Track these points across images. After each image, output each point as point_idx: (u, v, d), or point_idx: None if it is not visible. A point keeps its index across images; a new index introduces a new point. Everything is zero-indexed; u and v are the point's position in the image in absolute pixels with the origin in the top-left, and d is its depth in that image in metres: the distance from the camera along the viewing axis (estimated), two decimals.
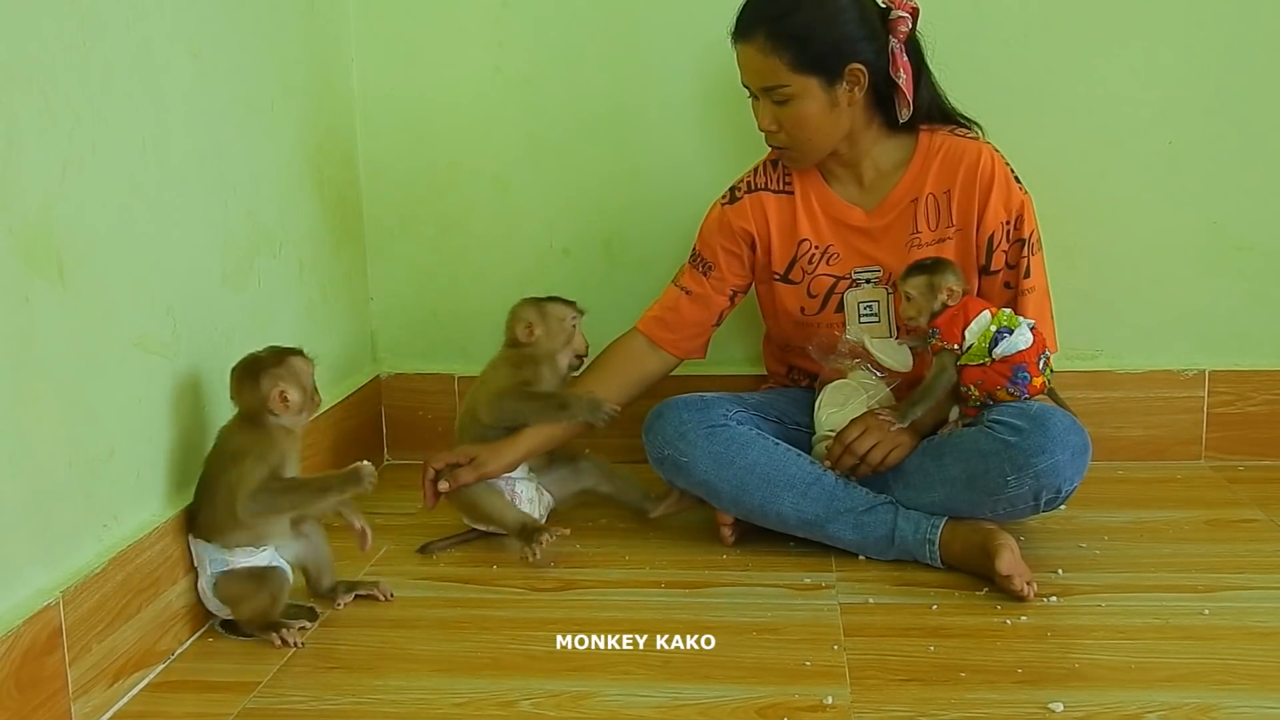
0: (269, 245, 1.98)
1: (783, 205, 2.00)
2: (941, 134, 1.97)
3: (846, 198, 1.99)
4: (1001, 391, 1.82)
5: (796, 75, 1.86)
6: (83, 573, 1.42)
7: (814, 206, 2.00)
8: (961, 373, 1.85)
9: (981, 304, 1.86)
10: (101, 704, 1.45)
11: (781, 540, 1.93)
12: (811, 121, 1.89)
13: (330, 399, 2.20)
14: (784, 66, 1.85)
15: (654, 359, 2.07)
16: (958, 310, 1.84)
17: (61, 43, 1.41)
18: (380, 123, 2.39)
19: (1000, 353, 1.82)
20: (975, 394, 1.84)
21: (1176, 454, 2.34)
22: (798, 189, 2.01)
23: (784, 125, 1.91)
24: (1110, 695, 1.44)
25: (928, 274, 1.86)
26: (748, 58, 1.89)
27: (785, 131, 1.91)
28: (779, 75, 1.86)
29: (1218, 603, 1.70)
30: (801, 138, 1.92)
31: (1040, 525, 1.98)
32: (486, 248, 2.41)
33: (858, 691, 1.47)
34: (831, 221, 1.99)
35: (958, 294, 1.86)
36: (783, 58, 1.85)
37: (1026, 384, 1.82)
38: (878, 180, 1.98)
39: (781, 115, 1.90)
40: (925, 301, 1.86)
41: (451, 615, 1.74)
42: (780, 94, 1.87)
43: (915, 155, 1.96)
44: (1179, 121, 2.26)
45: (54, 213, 1.39)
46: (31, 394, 1.36)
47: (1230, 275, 2.31)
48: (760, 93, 1.90)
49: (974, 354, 1.83)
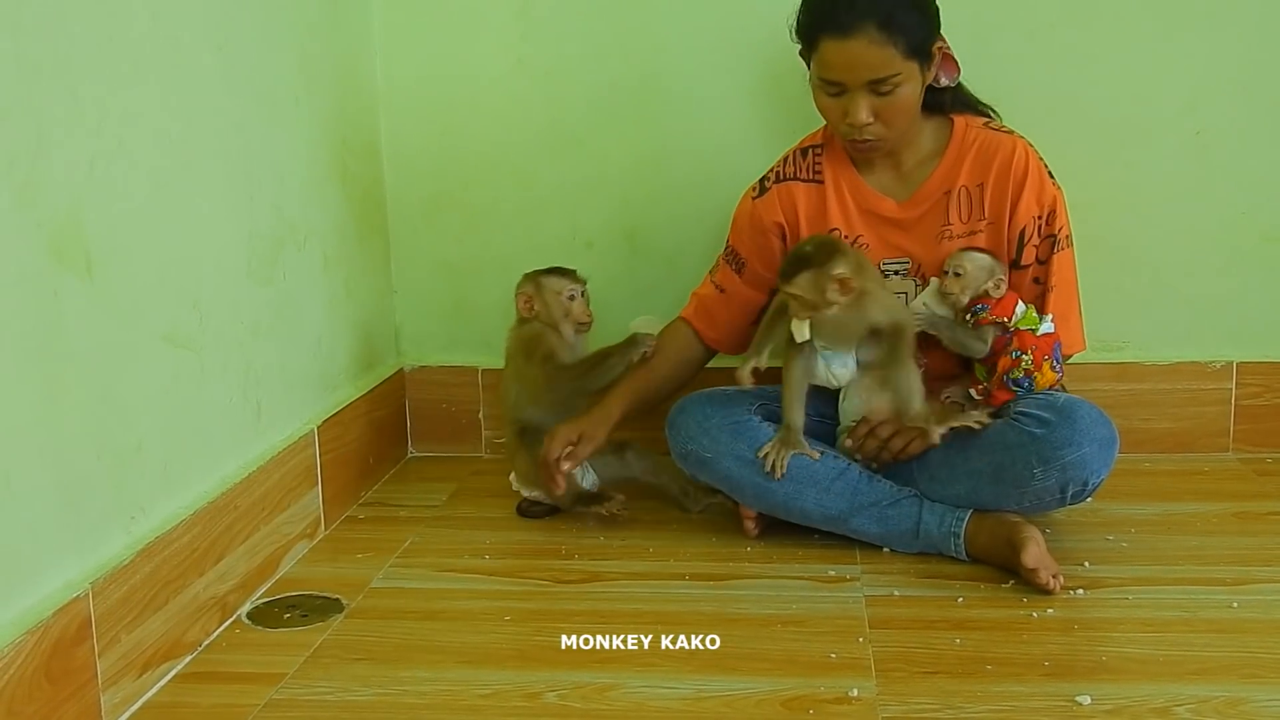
0: (294, 239, 1.98)
1: (812, 194, 1.99)
2: (976, 126, 1.95)
3: (879, 187, 1.97)
4: (1048, 365, 1.83)
5: (907, 62, 1.81)
6: (111, 564, 1.44)
7: (845, 196, 1.98)
8: (1017, 336, 1.85)
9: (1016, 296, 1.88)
10: (130, 695, 1.46)
11: (805, 533, 1.92)
12: (909, 107, 1.86)
13: (354, 392, 2.21)
14: (898, 56, 1.79)
15: (699, 347, 2.09)
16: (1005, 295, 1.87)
17: (88, 39, 1.42)
18: (404, 116, 2.39)
19: (1045, 329, 1.85)
20: (1027, 360, 1.83)
21: (1204, 446, 2.32)
22: (828, 178, 1.98)
23: (881, 115, 1.84)
24: (1138, 688, 1.44)
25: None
26: (856, 52, 1.80)
27: (881, 121, 1.85)
28: (893, 65, 1.80)
29: (1246, 595, 1.69)
30: (898, 126, 1.87)
31: (1066, 518, 1.97)
32: (510, 240, 2.41)
33: (883, 684, 1.47)
34: (862, 212, 1.97)
35: (1003, 285, 1.87)
36: (897, 46, 1.79)
37: (1061, 364, 1.85)
38: (914, 169, 1.96)
39: (881, 106, 1.83)
40: (975, 281, 1.86)
41: (477, 607, 1.74)
42: (889, 84, 1.81)
43: (950, 146, 1.94)
44: (1207, 112, 2.24)
45: (82, 208, 1.40)
46: (61, 387, 1.37)
47: (1259, 266, 2.29)
48: (864, 86, 1.82)
49: (1029, 320, 1.84)
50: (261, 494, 1.81)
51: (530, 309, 2.05)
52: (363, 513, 2.16)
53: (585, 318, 2.06)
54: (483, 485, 2.27)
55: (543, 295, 2.05)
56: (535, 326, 2.06)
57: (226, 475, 1.74)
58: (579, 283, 2.06)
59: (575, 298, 2.05)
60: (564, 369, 2.03)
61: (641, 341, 2.01)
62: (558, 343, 2.05)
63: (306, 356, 2.04)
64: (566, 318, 2.05)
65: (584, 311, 2.06)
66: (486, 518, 2.10)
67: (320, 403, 2.08)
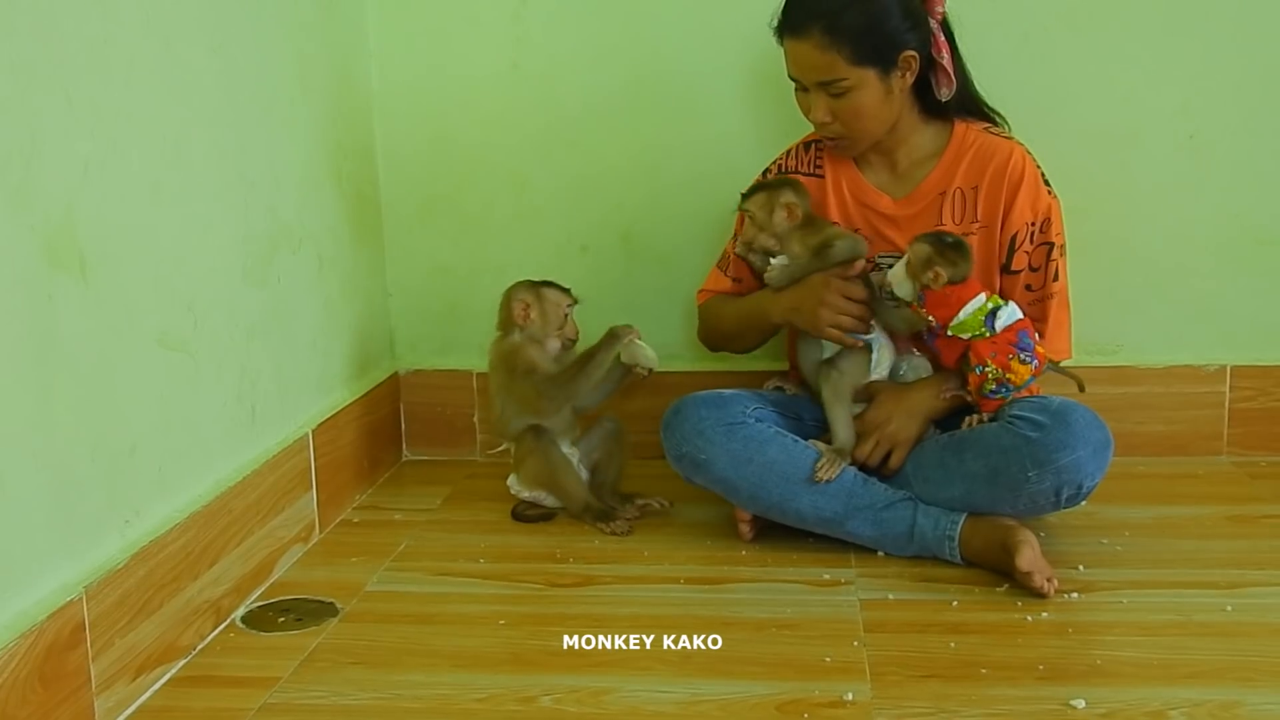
0: (289, 241, 1.98)
1: (812, 188, 2.01)
2: (976, 130, 1.97)
3: (876, 184, 2.00)
4: (1015, 361, 1.82)
5: (855, 68, 1.84)
6: (105, 568, 1.43)
7: (844, 191, 2.01)
8: (971, 351, 1.84)
9: (979, 286, 1.87)
10: (124, 699, 1.46)
11: (800, 536, 1.92)
12: (868, 111, 1.89)
13: (348, 395, 2.21)
14: (842, 61, 1.83)
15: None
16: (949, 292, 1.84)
17: (83, 41, 1.42)
18: (399, 119, 2.39)
19: (1002, 324, 1.83)
20: (992, 370, 1.83)
21: (1198, 449, 2.33)
22: (828, 173, 2.02)
23: (839, 117, 1.89)
24: (1132, 692, 1.44)
25: (936, 249, 1.84)
26: (802, 53, 1.86)
27: (840, 122, 1.90)
28: (837, 70, 1.84)
29: (1240, 599, 1.69)
30: (858, 128, 1.91)
31: (1061, 521, 1.97)
32: (505, 244, 2.41)
33: (878, 688, 1.47)
34: (860, 206, 2.00)
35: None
36: (841, 52, 1.83)
37: (1033, 350, 1.83)
38: (911, 169, 1.99)
39: (837, 107, 1.88)
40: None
41: (472, 611, 1.74)
42: (838, 87, 1.86)
43: (949, 148, 1.96)
44: (1200, 115, 2.25)
45: (76, 210, 1.40)
46: (55, 390, 1.36)
47: (1253, 269, 2.29)
48: (815, 87, 1.88)
49: (968, 326, 1.83)
50: (256, 497, 1.80)
51: (526, 317, 2.04)
52: (357, 516, 2.15)
53: (574, 335, 2.08)
54: (477, 489, 2.27)
55: (543, 305, 2.05)
56: (514, 340, 2.06)
57: (221, 478, 1.74)
58: (574, 301, 2.07)
59: (569, 314, 2.06)
60: (553, 378, 2.03)
61: (621, 333, 2.01)
62: (538, 354, 2.06)
63: (301, 359, 2.04)
64: (559, 331, 2.06)
65: (574, 329, 2.08)
66: (481, 521, 2.10)
67: (315, 406, 2.08)
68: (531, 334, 2.06)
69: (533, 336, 2.06)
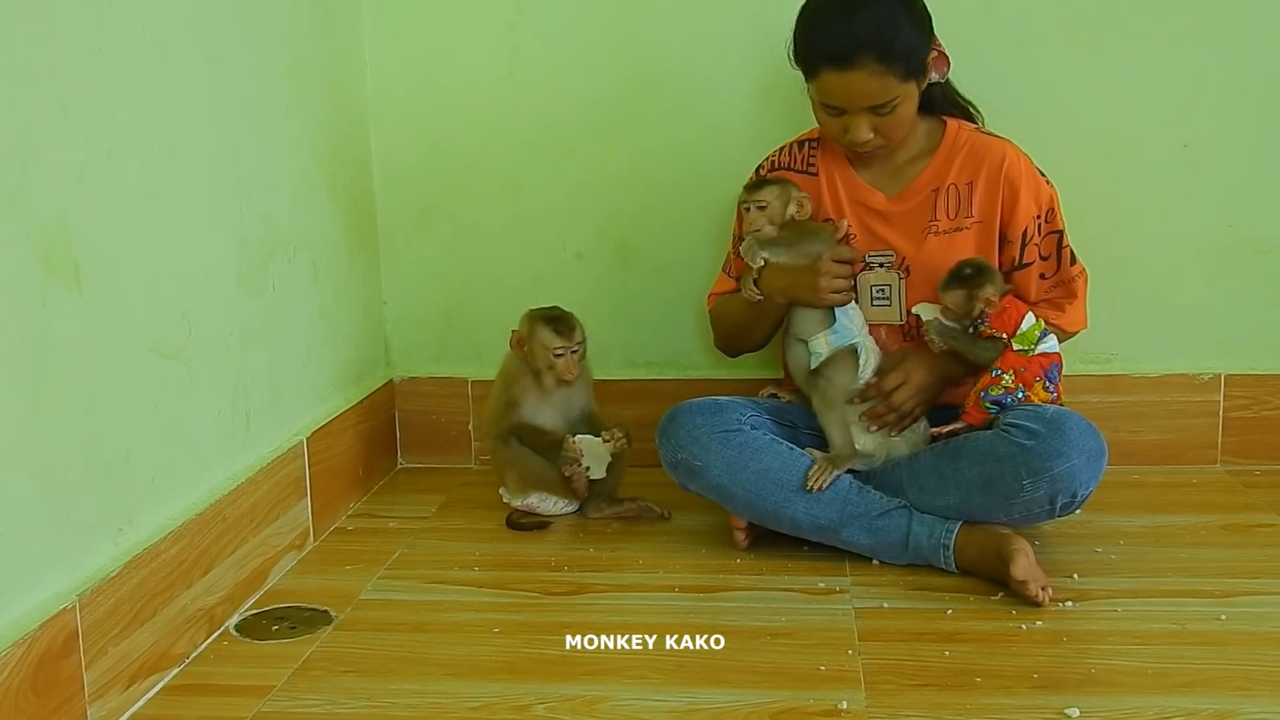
0: (283, 249, 1.98)
1: (806, 186, 2.01)
2: (967, 129, 1.99)
3: (870, 181, 2.00)
4: (1038, 384, 1.83)
5: (903, 84, 1.86)
6: (99, 576, 1.43)
7: (837, 188, 2.02)
8: (1003, 358, 1.85)
9: (1025, 306, 1.89)
10: (117, 707, 1.46)
11: (795, 544, 1.92)
12: (908, 119, 1.92)
13: (343, 403, 2.21)
14: (895, 81, 1.84)
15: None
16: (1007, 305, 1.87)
17: (78, 49, 1.42)
18: (394, 127, 2.39)
19: (1043, 348, 1.85)
20: (1009, 381, 1.84)
21: (1192, 458, 2.33)
22: (821, 171, 2.02)
23: (881, 131, 1.90)
24: (1127, 701, 1.44)
25: (965, 286, 1.86)
26: (854, 82, 1.84)
27: (881, 135, 1.91)
28: (891, 90, 1.85)
29: (1234, 608, 1.69)
30: (897, 136, 1.93)
31: (1055, 530, 1.97)
32: (500, 252, 2.41)
33: (873, 697, 1.47)
34: (853, 203, 2.01)
35: (994, 303, 1.86)
36: (894, 73, 1.84)
37: (1057, 384, 1.85)
38: (904, 166, 2.00)
39: (881, 123, 1.89)
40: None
41: (466, 619, 1.74)
42: (889, 106, 1.87)
43: (941, 146, 1.98)
44: (1195, 124, 2.25)
45: (71, 218, 1.40)
46: (49, 397, 1.36)
47: (1247, 278, 2.30)
48: (862, 111, 1.87)
49: (1029, 337, 1.85)
50: (250, 505, 1.80)
51: (521, 348, 2.07)
52: (352, 524, 2.15)
53: (568, 376, 2.06)
54: (472, 497, 2.27)
55: (532, 343, 2.06)
56: (518, 366, 2.08)
57: (215, 486, 1.73)
58: (570, 342, 2.05)
59: (563, 356, 2.05)
60: (516, 425, 2.07)
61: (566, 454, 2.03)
62: (530, 387, 2.07)
63: (296, 367, 2.04)
64: (549, 370, 2.06)
65: (568, 370, 2.05)
66: (476, 529, 2.10)
67: (310, 413, 2.08)
68: (529, 365, 2.07)
69: (531, 365, 2.07)
